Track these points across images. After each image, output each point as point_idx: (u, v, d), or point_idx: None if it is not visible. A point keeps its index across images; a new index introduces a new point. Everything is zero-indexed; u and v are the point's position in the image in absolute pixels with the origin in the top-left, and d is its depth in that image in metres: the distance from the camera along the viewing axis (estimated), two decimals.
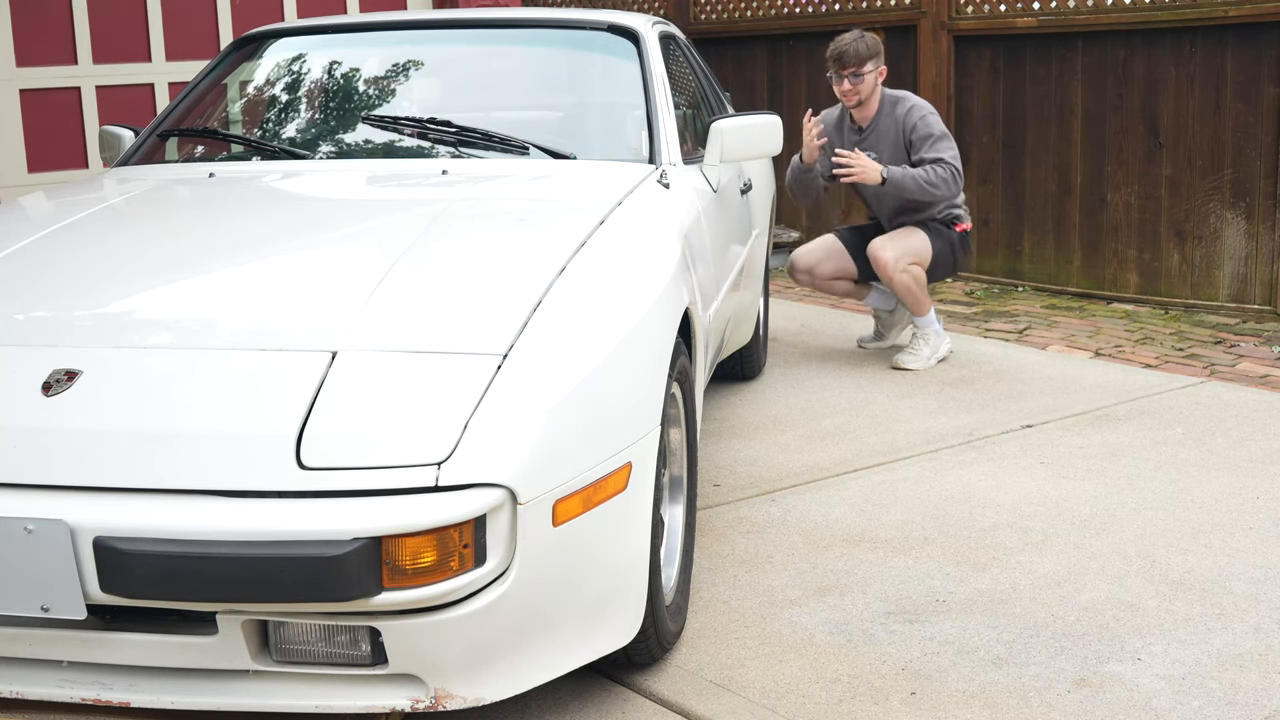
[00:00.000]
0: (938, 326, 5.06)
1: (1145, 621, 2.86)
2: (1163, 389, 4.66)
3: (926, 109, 4.89)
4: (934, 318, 5.05)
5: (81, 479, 2.16)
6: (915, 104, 4.90)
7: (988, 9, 6.49)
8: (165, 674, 2.26)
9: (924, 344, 5.02)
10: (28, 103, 7.03)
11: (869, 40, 4.86)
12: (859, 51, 4.81)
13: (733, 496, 3.68)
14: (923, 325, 5.03)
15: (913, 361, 4.97)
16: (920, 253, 4.94)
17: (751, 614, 2.93)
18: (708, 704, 2.53)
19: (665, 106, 3.65)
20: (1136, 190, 6.08)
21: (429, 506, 2.07)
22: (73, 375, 2.30)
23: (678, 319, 2.76)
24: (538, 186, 3.36)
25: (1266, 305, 5.73)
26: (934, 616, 2.90)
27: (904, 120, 4.86)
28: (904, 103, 4.89)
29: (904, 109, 4.87)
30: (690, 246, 3.14)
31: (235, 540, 2.06)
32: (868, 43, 4.84)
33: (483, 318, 2.41)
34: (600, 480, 2.31)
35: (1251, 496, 3.60)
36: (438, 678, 2.21)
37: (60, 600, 2.12)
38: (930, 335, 5.03)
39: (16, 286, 2.70)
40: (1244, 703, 2.51)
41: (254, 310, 2.55)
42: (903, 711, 2.50)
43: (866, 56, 4.82)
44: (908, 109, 4.87)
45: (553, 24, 4.08)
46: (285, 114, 4.01)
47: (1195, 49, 5.80)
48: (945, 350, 5.08)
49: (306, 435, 2.15)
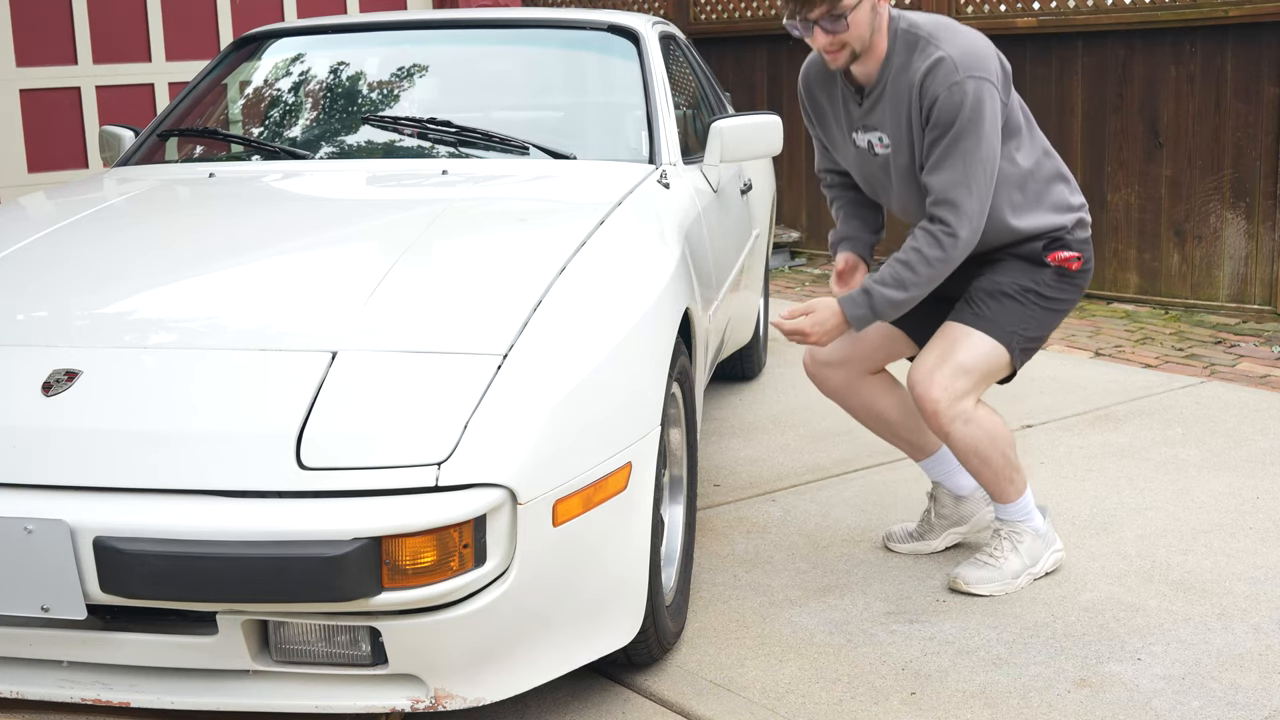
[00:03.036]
0: (1040, 524, 3.07)
1: (1145, 621, 2.86)
2: (1163, 389, 4.66)
3: (963, 64, 2.78)
4: (1033, 507, 3.07)
5: (81, 479, 2.16)
6: (944, 55, 2.78)
7: (988, 9, 6.49)
8: (165, 674, 2.26)
9: (1012, 552, 3.02)
10: (28, 103, 7.03)
11: None
12: None
13: (733, 496, 3.68)
14: (1013, 519, 3.06)
15: (989, 583, 3.00)
16: (988, 368, 2.96)
17: (751, 614, 2.93)
18: (708, 704, 2.53)
19: (665, 106, 3.65)
20: (1136, 190, 6.08)
21: (429, 506, 2.07)
22: (73, 375, 2.30)
23: (678, 319, 2.76)
24: (538, 186, 3.36)
25: (1266, 305, 5.73)
26: (934, 616, 2.90)
27: (920, 86, 2.82)
28: (927, 48, 2.82)
29: (925, 62, 2.80)
30: (690, 246, 3.14)
31: (235, 540, 2.06)
32: None
33: (483, 318, 2.41)
34: (600, 480, 2.31)
35: (1251, 496, 3.60)
36: (438, 678, 2.21)
37: (60, 600, 2.12)
38: (1025, 537, 3.04)
39: (16, 286, 2.70)
40: (1244, 703, 2.51)
41: (254, 310, 2.55)
42: (903, 711, 2.50)
43: None
44: (930, 64, 2.79)
45: (553, 24, 4.08)
46: (285, 114, 4.01)
47: (1195, 49, 5.79)
48: (1051, 561, 3.09)
49: (306, 435, 2.15)
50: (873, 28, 2.82)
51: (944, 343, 2.96)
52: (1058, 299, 3.00)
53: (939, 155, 2.81)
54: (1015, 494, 3.02)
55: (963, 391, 2.90)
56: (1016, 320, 2.96)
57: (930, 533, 3.25)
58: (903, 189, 2.97)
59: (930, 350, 2.97)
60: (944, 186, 2.80)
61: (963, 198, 2.79)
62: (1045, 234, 2.96)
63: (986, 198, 2.82)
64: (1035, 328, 2.99)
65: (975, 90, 2.77)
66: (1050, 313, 3.01)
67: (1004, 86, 2.87)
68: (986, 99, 2.78)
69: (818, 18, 2.77)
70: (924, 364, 2.94)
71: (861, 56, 2.85)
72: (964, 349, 2.93)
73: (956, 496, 3.21)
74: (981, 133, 2.78)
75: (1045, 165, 2.99)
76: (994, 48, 2.89)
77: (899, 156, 2.91)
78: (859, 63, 2.88)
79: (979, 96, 2.77)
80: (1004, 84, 2.87)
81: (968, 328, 2.96)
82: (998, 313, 2.96)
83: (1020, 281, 2.97)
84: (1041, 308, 2.98)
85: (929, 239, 2.82)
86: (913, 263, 2.83)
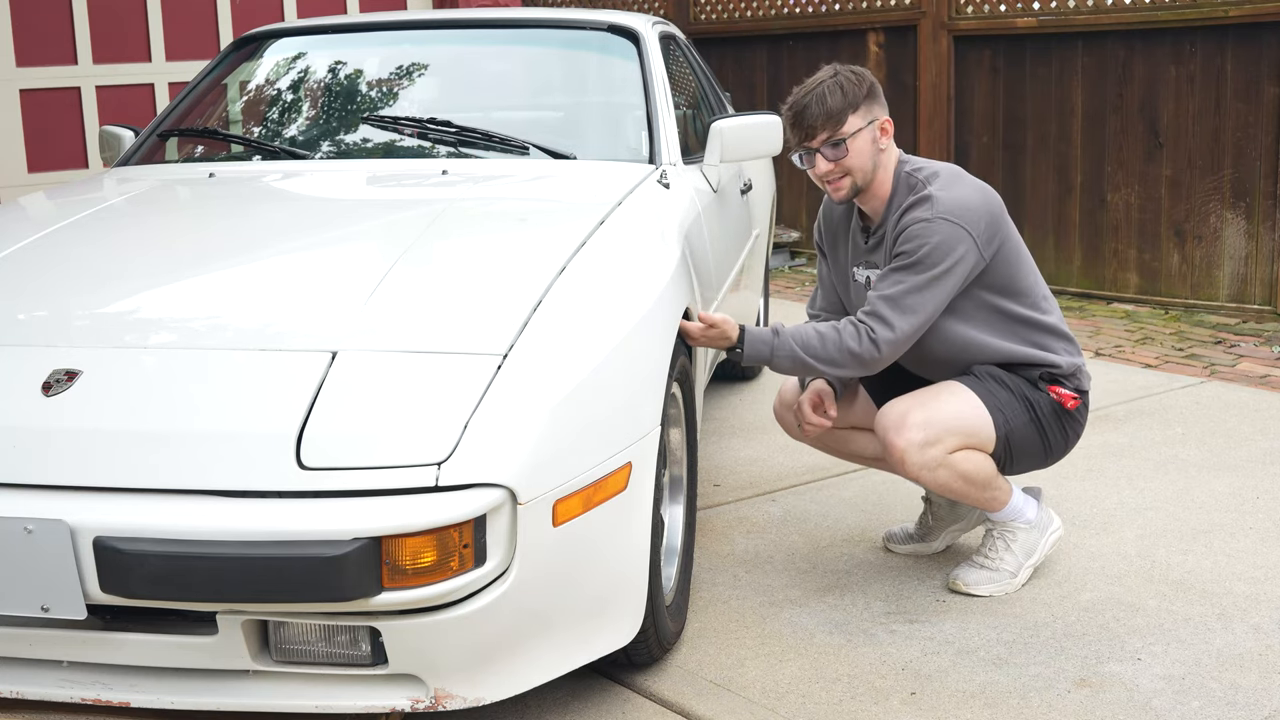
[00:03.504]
0: (1031, 515, 3.06)
1: (1145, 621, 2.86)
2: (1163, 389, 4.66)
3: (944, 206, 2.80)
4: (1021, 504, 3.06)
5: (81, 479, 2.16)
6: (930, 195, 2.82)
7: (988, 9, 6.49)
8: (165, 674, 2.26)
9: (1005, 551, 3.04)
10: (28, 103, 7.03)
11: (847, 82, 2.86)
12: (828, 105, 2.83)
13: (733, 496, 3.68)
14: (1003, 519, 3.05)
15: (986, 584, 3.02)
16: (968, 429, 2.87)
17: (751, 614, 2.93)
18: (708, 704, 2.53)
19: (665, 106, 3.65)
20: (1136, 190, 6.08)
21: (429, 506, 2.07)
22: (73, 375, 2.30)
23: (678, 319, 2.76)
24: (538, 186, 3.36)
25: (1266, 305, 5.73)
26: (934, 616, 2.90)
27: (899, 217, 2.86)
28: (921, 189, 2.85)
29: (912, 198, 2.85)
30: (690, 246, 3.14)
31: (235, 540, 2.05)
32: (845, 86, 2.85)
33: (483, 318, 2.41)
34: (600, 480, 2.30)
35: (1251, 496, 3.60)
36: (438, 678, 2.21)
37: (60, 600, 2.12)
38: (1018, 533, 3.04)
39: (16, 286, 2.70)
40: (1244, 703, 2.51)
41: (254, 310, 2.55)
42: (903, 711, 2.50)
43: (842, 108, 2.83)
44: (915, 199, 2.84)
45: (553, 24, 4.08)
46: (285, 114, 4.01)
47: (1195, 49, 5.79)
48: (1050, 543, 3.11)
49: (306, 435, 2.15)
50: (875, 160, 2.87)
51: (926, 393, 2.91)
52: (1050, 428, 2.94)
53: (888, 274, 2.82)
54: (1001, 504, 3.00)
55: (933, 439, 2.83)
56: (1010, 409, 2.89)
57: (929, 534, 3.25)
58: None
59: (906, 397, 2.90)
60: (880, 302, 2.79)
61: (894, 317, 2.78)
62: (1037, 364, 2.92)
63: (918, 329, 2.80)
64: (1022, 432, 2.91)
65: (946, 233, 2.77)
66: (1039, 434, 2.93)
67: (988, 239, 2.82)
68: (958, 246, 2.78)
69: (819, 145, 2.85)
70: (896, 407, 2.88)
71: (865, 191, 2.90)
72: (948, 400, 2.88)
73: (950, 500, 3.19)
74: (935, 270, 2.77)
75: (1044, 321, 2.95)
76: (994, 208, 2.86)
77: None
78: (865, 199, 2.92)
79: (949, 240, 2.77)
80: (988, 237, 2.82)
81: (958, 384, 2.91)
82: (996, 390, 2.90)
83: (1022, 386, 2.92)
84: (1034, 420, 2.91)
85: (851, 330, 2.81)
86: (826, 336, 2.81)
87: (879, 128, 2.88)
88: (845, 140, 2.83)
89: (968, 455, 2.87)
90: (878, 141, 2.88)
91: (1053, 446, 2.97)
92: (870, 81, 2.91)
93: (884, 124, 2.89)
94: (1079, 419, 2.99)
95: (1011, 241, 2.91)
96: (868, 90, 2.88)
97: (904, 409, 2.86)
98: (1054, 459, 3.02)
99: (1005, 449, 2.91)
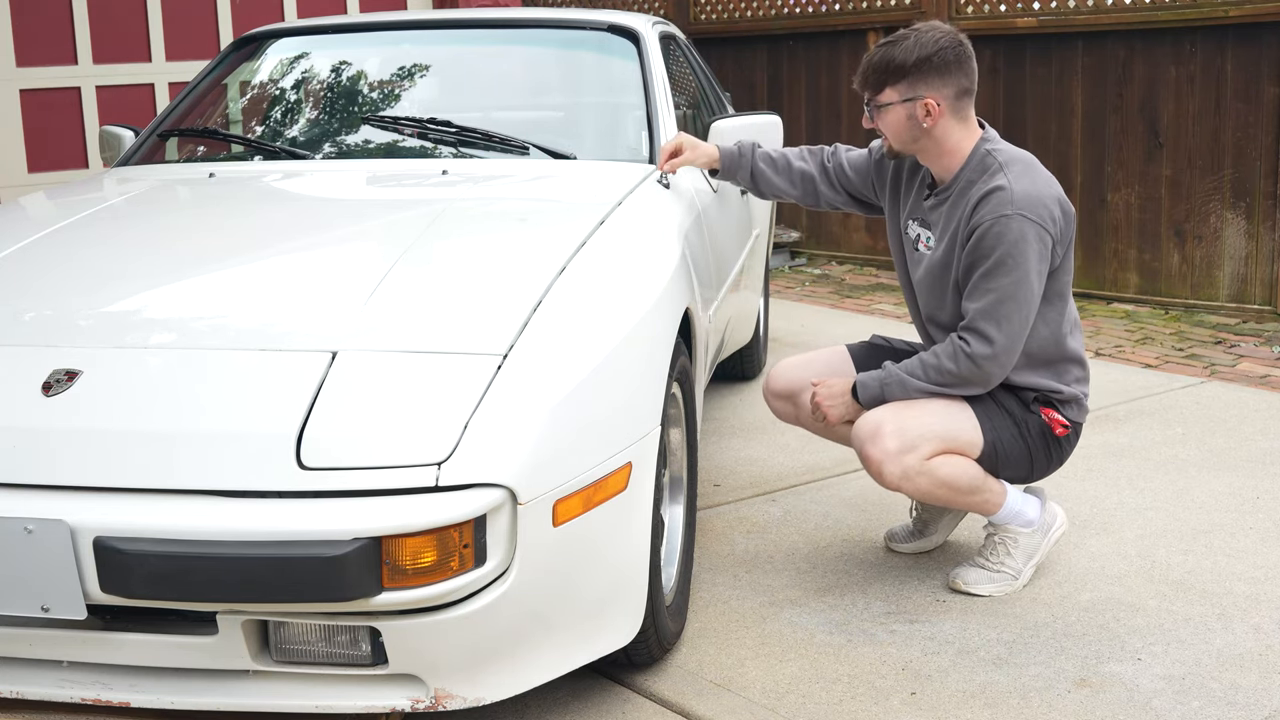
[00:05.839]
0: (1032, 515, 3.01)
1: (1145, 621, 2.86)
2: (1163, 389, 4.66)
3: (1019, 200, 2.75)
4: (1019, 505, 2.99)
5: (81, 479, 2.16)
6: (1004, 186, 2.78)
7: (988, 9, 6.49)
8: (165, 674, 2.26)
9: (1007, 555, 2.99)
10: (28, 103, 7.03)
11: (905, 50, 2.80)
12: (873, 67, 2.85)
13: (733, 496, 3.68)
14: (1002, 522, 3.00)
15: (988, 584, 2.99)
16: (946, 434, 2.84)
17: (751, 614, 2.93)
18: (708, 704, 2.53)
19: (665, 106, 3.66)
20: (1136, 190, 6.08)
21: (429, 506, 2.07)
22: (73, 375, 2.30)
23: (678, 319, 2.76)
24: (538, 187, 3.36)
25: (1266, 305, 5.73)
26: (934, 616, 2.90)
27: (972, 208, 2.80)
28: (995, 174, 2.81)
29: (985, 187, 2.80)
30: (690, 246, 3.14)
31: (235, 540, 2.06)
32: (899, 54, 2.80)
33: (483, 318, 2.41)
34: (600, 480, 2.30)
35: (1251, 496, 3.60)
36: (438, 678, 2.21)
37: (60, 600, 2.12)
38: (1019, 538, 2.99)
39: (17, 286, 2.70)
40: (1244, 703, 2.51)
41: (254, 310, 2.55)
42: (903, 711, 2.50)
43: (882, 78, 2.82)
44: (988, 189, 2.78)
45: (553, 24, 4.08)
46: (285, 114, 4.01)
47: (1195, 49, 5.80)
48: (1054, 539, 3.08)
49: (307, 435, 2.15)
50: (913, 135, 2.85)
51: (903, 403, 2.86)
52: (1035, 449, 2.92)
53: (974, 283, 2.79)
54: (995, 506, 2.96)
55: (909, 446, 2.79)
56: (998, 419, 2.88)
57: (928, 528, 3.23)
58: (926, 292, 2.96)
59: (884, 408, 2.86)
60: (974, 316, 2.79)
61: (991, 331, 2.76)
62: (1038, 389, 2.91)
63: (1019, 335, 2.77)
64: (1009, 445, 2.89)
65: (1020, 229, 2.73)
66: (1026, 451, 2.91)
67: (1060, 237, 2.80)
68: (1032, 240, 2.74)
69: (866, 100, 2.90)
70: (871, 418, 2.85)
71: (925, 155, 2.89)
72: (926, 405, 2.84)
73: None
74: (1019, 272, 2.74)
75: (1066, 345, 2.92)
76: (1061, 199, 2.83)
77: (935, 264, 2.90)
78: (928, 160, 2.91)
79: (1023, 235, 2.73)
80: (1060, 235, 2.80)
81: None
82: (986, 404, 2.89)
83: (1013, 404, 2.91)
84: (1020, 437, 2.90)
85: (950, 352, 2.81)
86: (926, 362, 2.83)
87: (923, 106, 2.80)
88: (882, 107, 2.85)
89: (946, 460, 2.83)
90: (919, 120, 2.81)
91: (1035, 467, 2.96)
92: (934, 53, 2.79)
93: (928, 103, 2.80)
94: (1065, 447, 2.97)
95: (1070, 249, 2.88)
96: (924, 63, 2.79)
97: (879, 419, 2.83)
98: (1036, 477, 3.01)
99: (992, 454, 2.88)
